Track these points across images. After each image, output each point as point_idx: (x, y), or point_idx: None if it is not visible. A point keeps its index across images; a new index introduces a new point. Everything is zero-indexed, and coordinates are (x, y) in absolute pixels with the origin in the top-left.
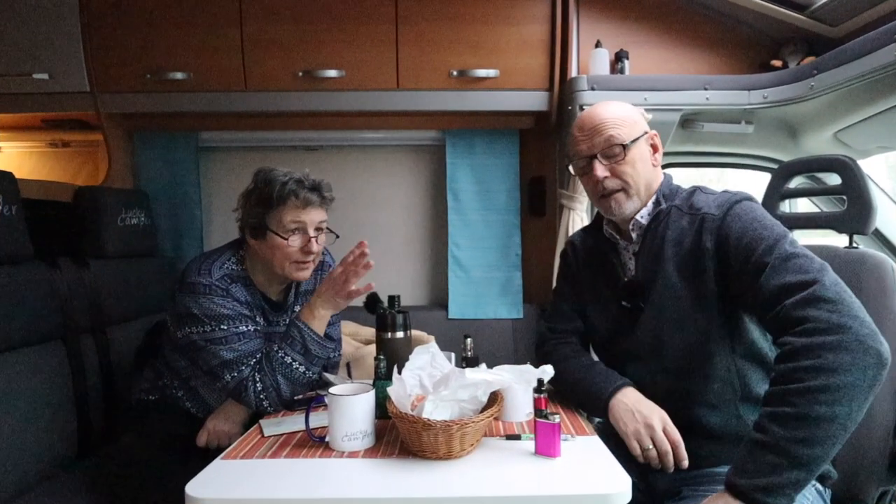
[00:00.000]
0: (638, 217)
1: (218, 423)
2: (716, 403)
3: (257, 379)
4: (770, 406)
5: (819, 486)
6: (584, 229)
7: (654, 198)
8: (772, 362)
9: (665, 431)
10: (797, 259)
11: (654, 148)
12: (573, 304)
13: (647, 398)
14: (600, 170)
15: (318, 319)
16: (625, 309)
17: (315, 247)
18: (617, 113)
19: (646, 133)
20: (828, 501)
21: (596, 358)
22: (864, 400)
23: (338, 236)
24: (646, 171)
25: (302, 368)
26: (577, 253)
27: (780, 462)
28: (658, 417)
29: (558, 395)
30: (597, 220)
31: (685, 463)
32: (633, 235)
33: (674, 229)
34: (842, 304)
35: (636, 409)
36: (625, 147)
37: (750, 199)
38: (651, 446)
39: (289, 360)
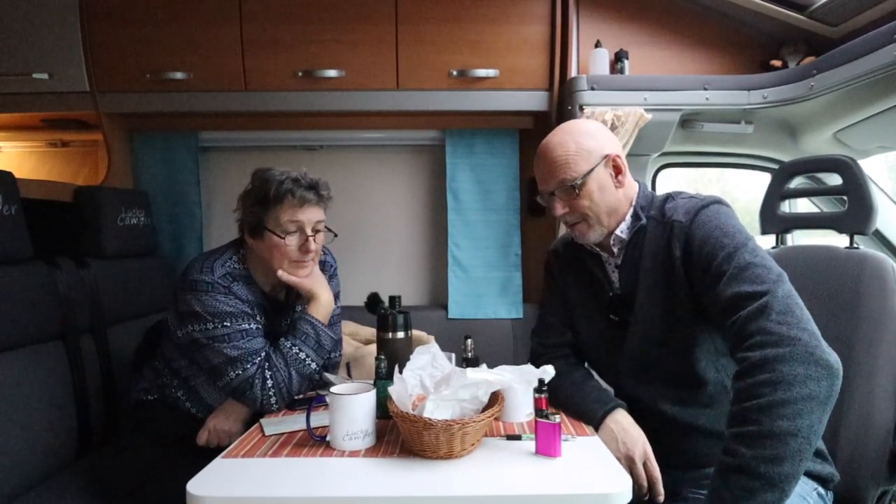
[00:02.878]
0: (618, 232)
1: (218, 421)
2: (709, 404)
3: (267, 376)
4: (735, 427)
5: (821, 489)
6: (567, 239)
7: (631, 211)
8: None
9: (645, 466)
10: (754, 269)
11: (618, 169)
12: (562, 316)
13: (643, 402)
14: (558, 208)
15: (324, 311)
16: (613, 322)
17: (313, 245)
18: (568, 150)
19: (606, 157)
20: None
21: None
22: (822, 412)
23: (336, 235)
24: (606, 199)
25: (314, 365)
26: (560, 262)
27: (752, 485)
28: (640, 452)
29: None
30: None
31: (661, 498)
32: (615, 250)
33: (650, 240)
34: (791, 315)
35: (621, 438)
36: (574, 186)
37: (719, 202)
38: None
39: (302, 355)
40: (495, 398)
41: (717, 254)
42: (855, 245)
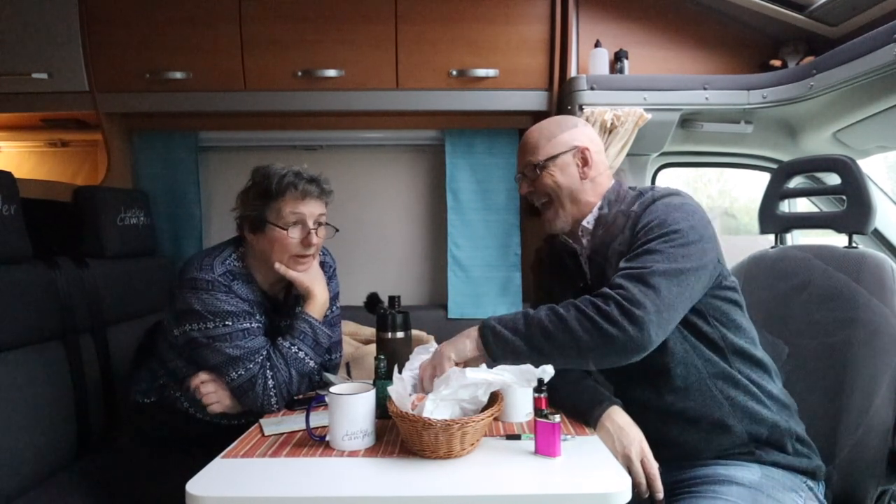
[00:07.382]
0: (585, 223)
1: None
2: (684, 387)
3: (269, 376)
4: (562, 306)
5: (810, 481)
6: (547, 238)
7: (598, 204)
8: (719, 342)
9: (642, 463)
10: (656, 255)
11: (585, 161)
12: None
13: (623, 388)
14: (523, 186)
15: (320, 309)
16: None
17: (315, 239)
18: (539, 136)
19: (575, 147)
20: (822, 498)
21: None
22: (596, 356)
23: (337, 230)
24: (569, 184)
25: (312, 363)
26: (544, 261)
27: (522, 330)
28: (636, 450)
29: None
30: None
31: (660, 495)
32: (584, 241)
33: (615, 232)
34: (655, 291)
35: (617, 436)
36: (537, 166)
37: (676, 194)
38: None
39: (302, 354)
40: (495, 398)
41: (643, 237)
42: (854, 244)
